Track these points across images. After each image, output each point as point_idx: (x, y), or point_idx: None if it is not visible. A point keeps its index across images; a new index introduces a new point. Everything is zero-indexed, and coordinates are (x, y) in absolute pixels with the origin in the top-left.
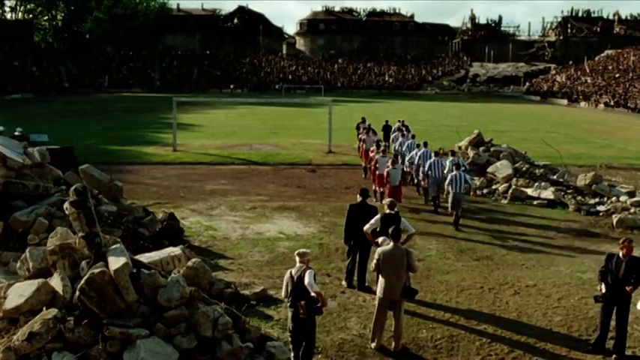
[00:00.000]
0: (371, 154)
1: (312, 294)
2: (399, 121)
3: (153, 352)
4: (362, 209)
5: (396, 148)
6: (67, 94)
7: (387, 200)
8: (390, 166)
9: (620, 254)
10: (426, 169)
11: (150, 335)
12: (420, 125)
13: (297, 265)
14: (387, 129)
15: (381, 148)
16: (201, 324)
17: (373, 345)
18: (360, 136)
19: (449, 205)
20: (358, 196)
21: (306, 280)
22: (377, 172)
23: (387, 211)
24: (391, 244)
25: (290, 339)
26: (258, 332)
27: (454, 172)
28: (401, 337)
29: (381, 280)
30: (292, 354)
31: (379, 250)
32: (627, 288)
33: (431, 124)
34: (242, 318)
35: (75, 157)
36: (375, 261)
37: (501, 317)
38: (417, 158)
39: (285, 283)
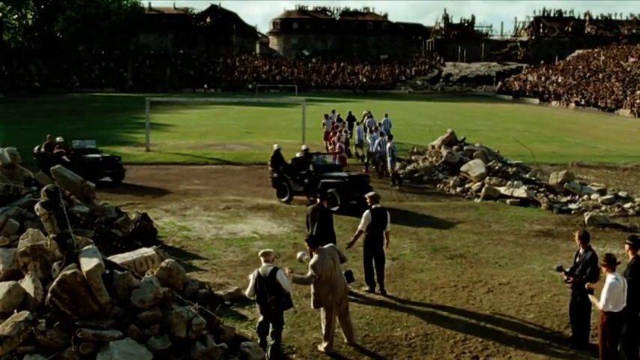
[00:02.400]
0: (330, 134)
1: (288, 291)
2: (367, 112)
3: (126, 353)
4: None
5: (360, 138)
6: (38, 93)
7: (370, 194)
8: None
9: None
10: (375, 144)
11: (123, 337)
12: (393, 124)
13: (263, 265)
14: (350, 119)
15: (342, 129)
16: (175, 325)
17: (324, 345)
18: (323, 120)
19: (389, 167)
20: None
21: (283, 284)
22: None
23: (374, 206)
24: (314, 252)
25: (257, 330)
26: (232, 332)
27: (390, 144)
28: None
29: (323, 289)
30: (259, 342)
31: (313, 264)
32: (569, 279)
33: (405, 123)
34: (216, 318)
35: (121, 166)
36: (311, 278)
37: (475, 315)
38: (370, 140)
39: (252, 282)
